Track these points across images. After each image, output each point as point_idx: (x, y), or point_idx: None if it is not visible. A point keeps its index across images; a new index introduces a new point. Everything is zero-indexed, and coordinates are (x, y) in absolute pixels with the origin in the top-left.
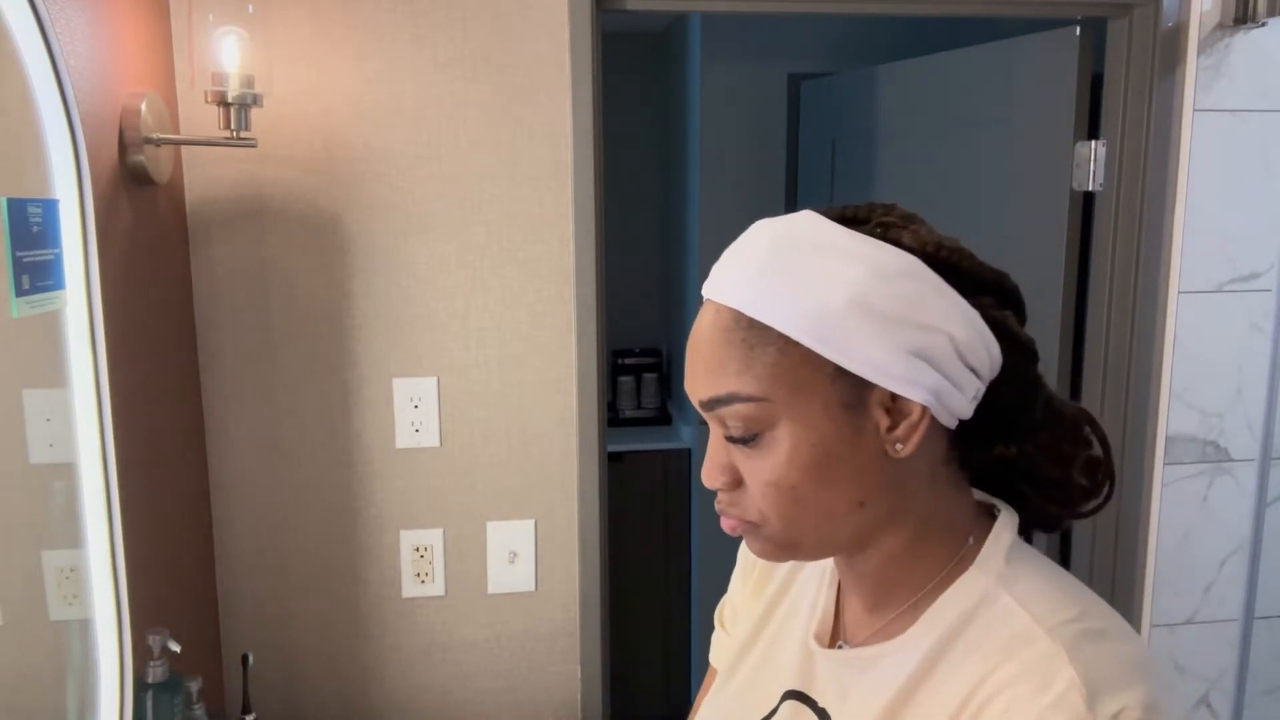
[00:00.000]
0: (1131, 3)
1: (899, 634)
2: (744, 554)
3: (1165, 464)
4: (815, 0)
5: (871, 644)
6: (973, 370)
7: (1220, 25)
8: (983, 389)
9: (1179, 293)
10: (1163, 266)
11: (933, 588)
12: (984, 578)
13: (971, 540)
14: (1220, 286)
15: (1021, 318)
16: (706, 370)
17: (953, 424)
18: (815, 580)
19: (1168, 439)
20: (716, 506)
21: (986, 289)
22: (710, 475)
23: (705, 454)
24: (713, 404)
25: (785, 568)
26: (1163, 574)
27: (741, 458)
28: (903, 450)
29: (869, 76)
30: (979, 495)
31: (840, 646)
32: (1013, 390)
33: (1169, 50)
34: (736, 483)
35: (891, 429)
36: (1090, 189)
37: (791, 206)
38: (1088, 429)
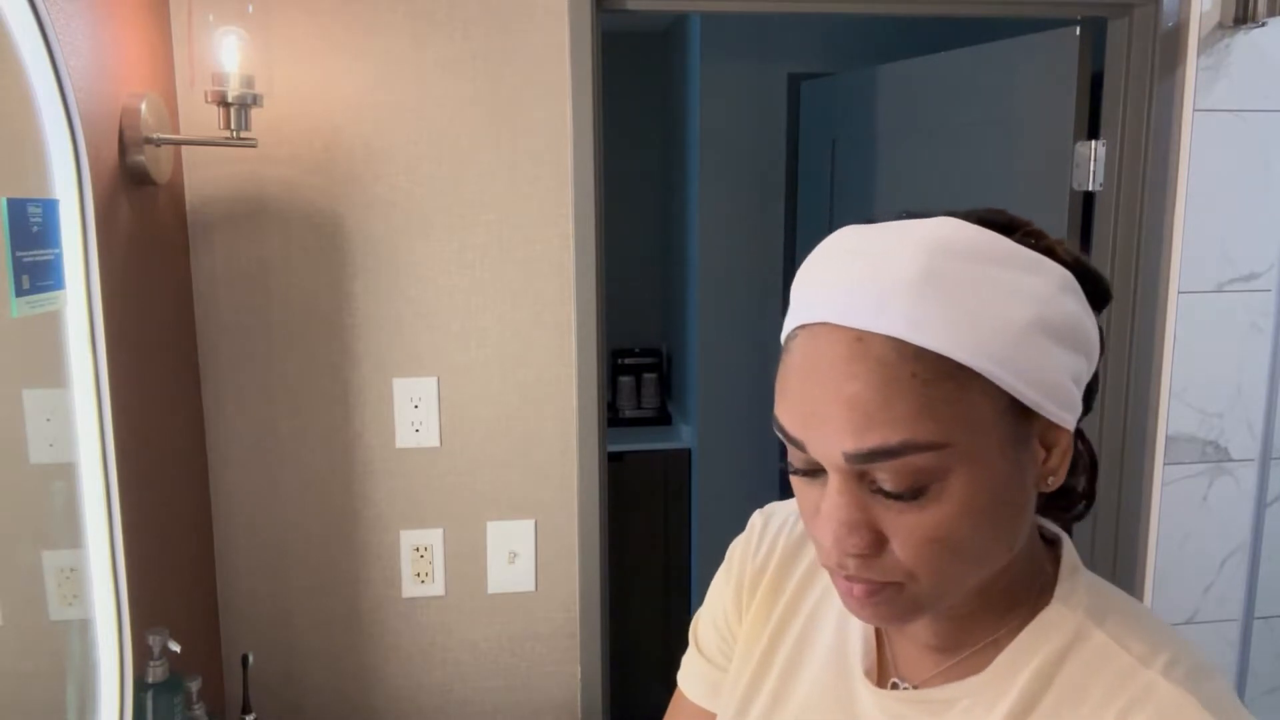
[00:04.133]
0: (1131, 3)
1: (975, 673)
2: (739, 571)
3: (1165, 464)
4: (815, 0)
5: (941, 684)
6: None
7: (1220, 25)
8: None
9: (1179, 293)
10: (1163, 266)
11: (1015, 623)
12: (1071, 612)
13: (1047, 567)
14: (1220, 286)
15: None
16: (860, 416)
17: None
18: (836, 611)
19: (1168, 439)
20: (840, 572)
21: (1102, 298)
22: (845, 540)
23: (828, 509)
24: (874, 457)
25: (791, 588)
26: (1163, 574)
27: (891, 514)
28: (1054, 483)
29: (869, 76)
30: None
31: (895, 686)
32: (1089, 400)
33: (1169, 50)
34: (875, 545)
35: (1046, 461)
36: (1090, 189)
37: (791, 206)
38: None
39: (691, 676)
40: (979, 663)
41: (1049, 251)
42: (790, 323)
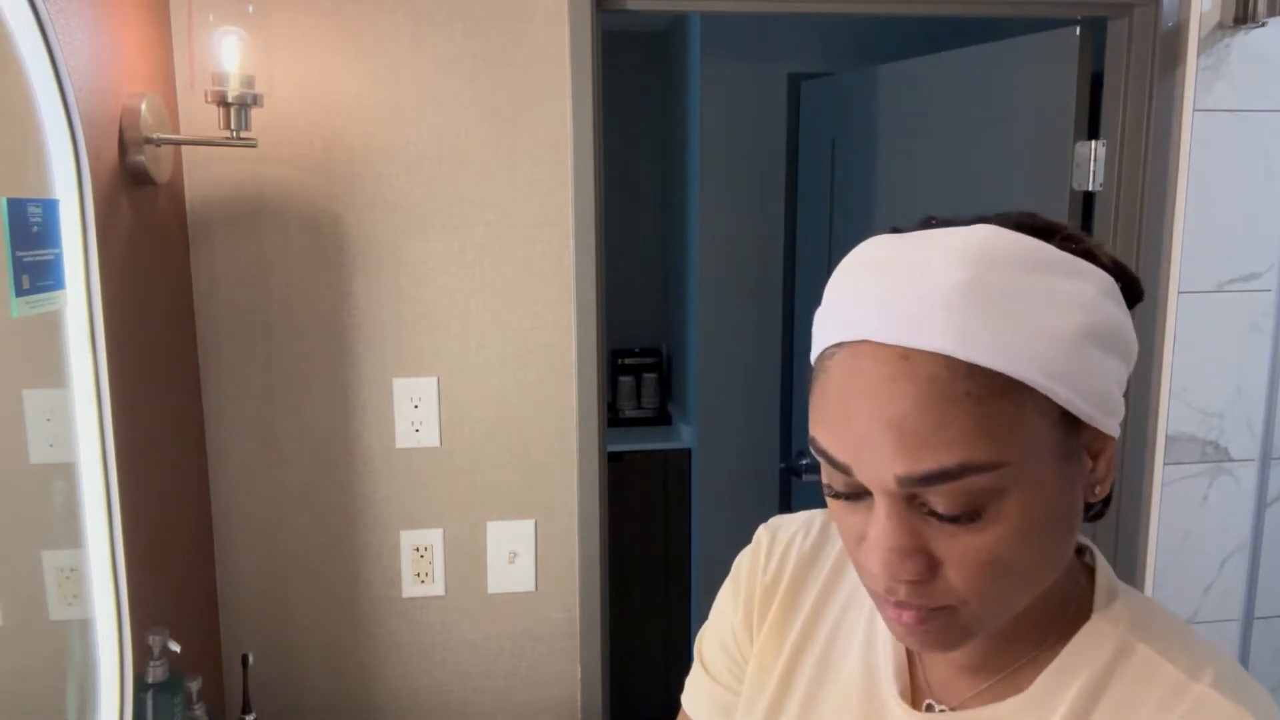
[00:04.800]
0: (1131, 3)
1: (1017, 693)
2: (748, 585)
3: (1165, 464)
4: (815, 0)
5: (980, 705)
6: None
7: (1220, 25)
8: None
9: (1179, 293)
10: (1163, 266)
11: (1055, 640)
12: (1113, 627)
13: (1081, 579)
14: (1220, 286)
15: None
16: (915, 438)
17: None
18: (863, 630)
19: (1168, 439)
20: (890, 598)
21: (1136, 299)
22: (897, 567)
23: (877, 535)
24: (930, 480)
25: (808, 605)
26: (1163, 574)
27: (944, 536)
28: (1101, 491)
29: (869, 76)
30: None
31: (929, 708)
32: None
33: (1169, 50)
34: (928, 570)
35: (1093, 470)
36: (1090, 189)
37: (791, 206)
38: None
39: (699, 698)
40: (1019, 682)
41: (1089, 255)
42: (824, 340)
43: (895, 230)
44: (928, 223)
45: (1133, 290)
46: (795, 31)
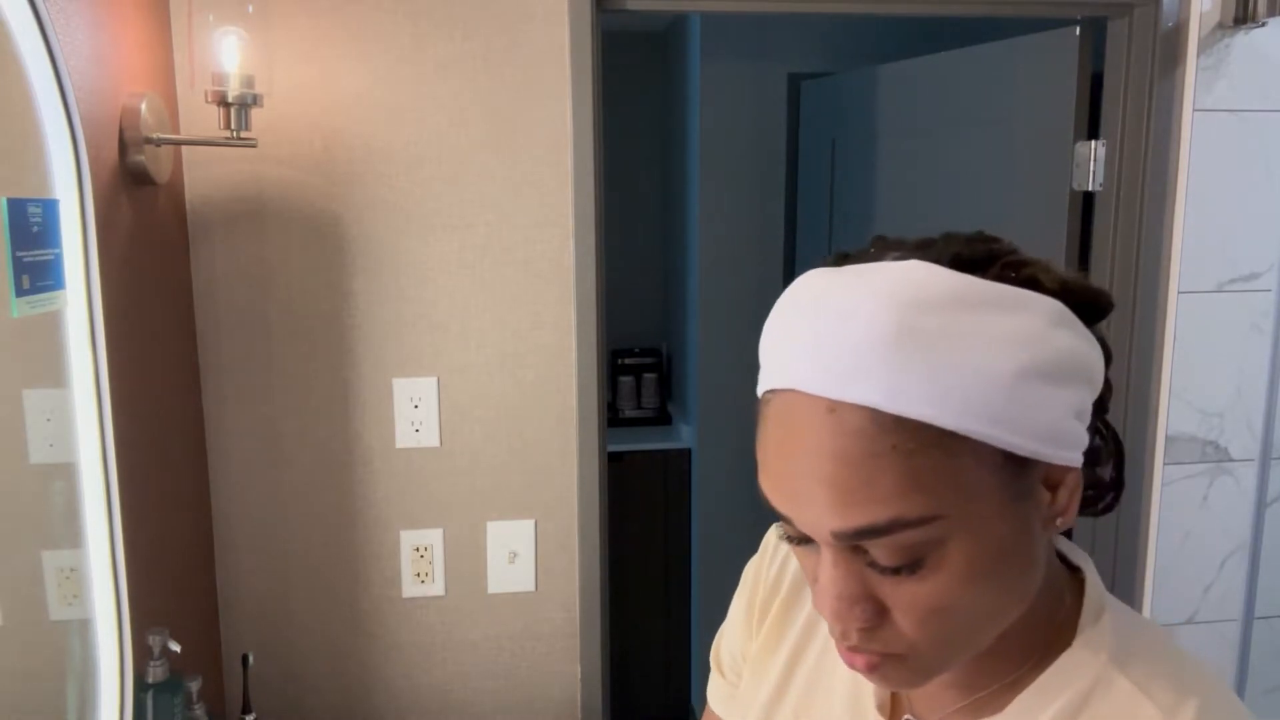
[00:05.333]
0: (1131, 2)
1: (993, 714)
2: (750, 593)
3: (1165, 464)
4: (815, 0)
5: None
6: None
7: (1220, 25)
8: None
9: (1179, 293)
10: (1163, 266)
11: (1035, 663)
12: (1093, 655)
13: (1067, 599)
14: (1220, 286)
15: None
16: (842, 494)
17: None
18: None
19: (1168, 439)
20: (844, 643)
21: (1102, 314)
22: (841, 614)
23: (825, 581)
24: (862, 535)
25: (805, 612)
26: (1163, 574)
27: (889, 586)
28: (1063, 523)
29: (869, 76)
30: None
31: None
32: (1099, 409)
33: (1169, 50)
34: (877, 615)
35: (1052, 503)
36: (1090, 189)
37: (791, 206)
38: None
39: (719, 699)
40: (997, 703)
41: (1032, 281)
42: (762, 382)
43: (843, 257)
44: (879, 244)
45: (1096, 306)
46: (795, 31)
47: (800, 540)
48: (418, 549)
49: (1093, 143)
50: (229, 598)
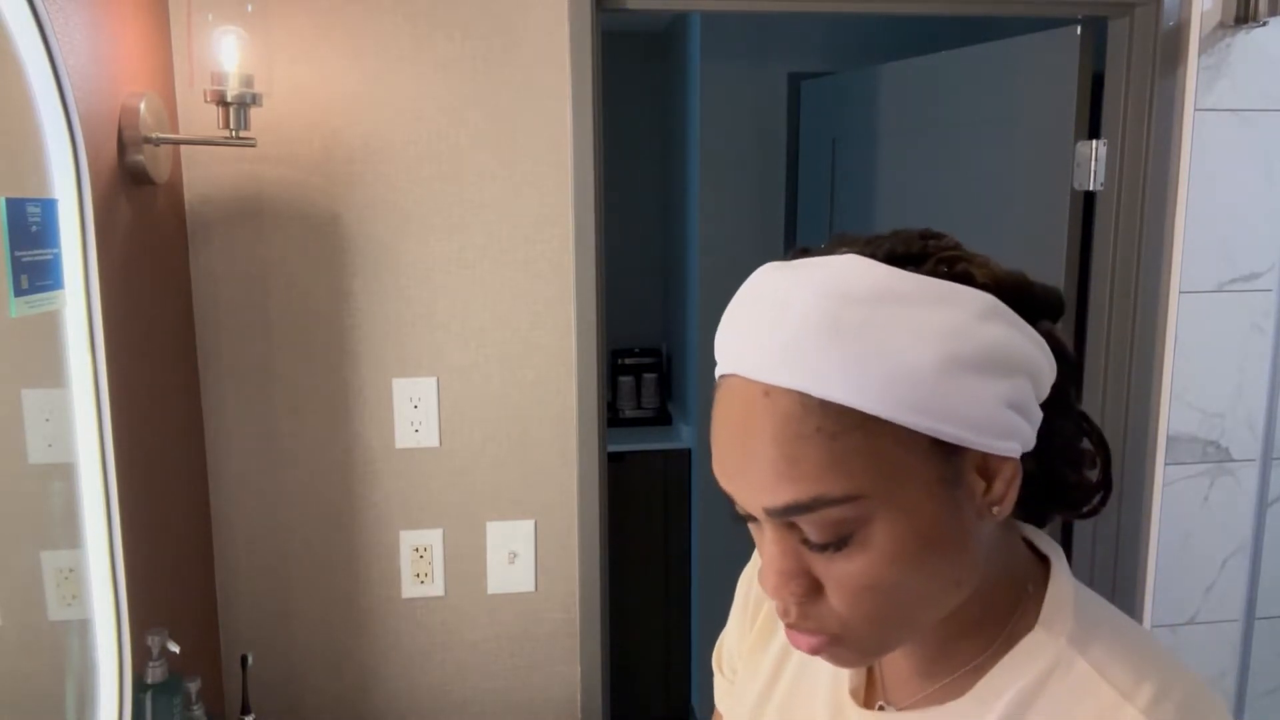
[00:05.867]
0: (1132, 2)
1: (956, 698)
2: (744, 594)
3: (1166, 464)
4: (815, 0)
5: (923, 708)
6: (1039, 400)
7: (1221, 25)
8: (1042, 416)
9: (1179, 292)
10: (1163, 266)
11: (996, 648)
12: (1054, 639)
13: (1030, 588)
14: (1221, 286)
15: (1082, 323)
16: (772, 472)
17: None
18: None
19: (1168, 439)
20: (784, 619)
21: (1049, 311)
22: (779, 587)
23: (765, 558)
24: (789, 512)
25: None
26: (1164, 574)
27: (822, 563)
28: (1000, 512)
29: (869, 76)
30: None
31: (881, 708)
32: (1058, 410)
33: (1170, 50)
34: (812, 591)
35: (987, 491)
36: (1091, 188)
37: (791, 206)
38: (1084, 423)
39: (724, 696)
40: (960, 688)
41: (965, 277)
42: (717, 369)
43: (801, 251)
44: (835, 240)
45: (1037, 301)
46: (795, 31)
47: (748, 519)
48: (417, 549)
49: (1093, 142)
50: (228, 598)
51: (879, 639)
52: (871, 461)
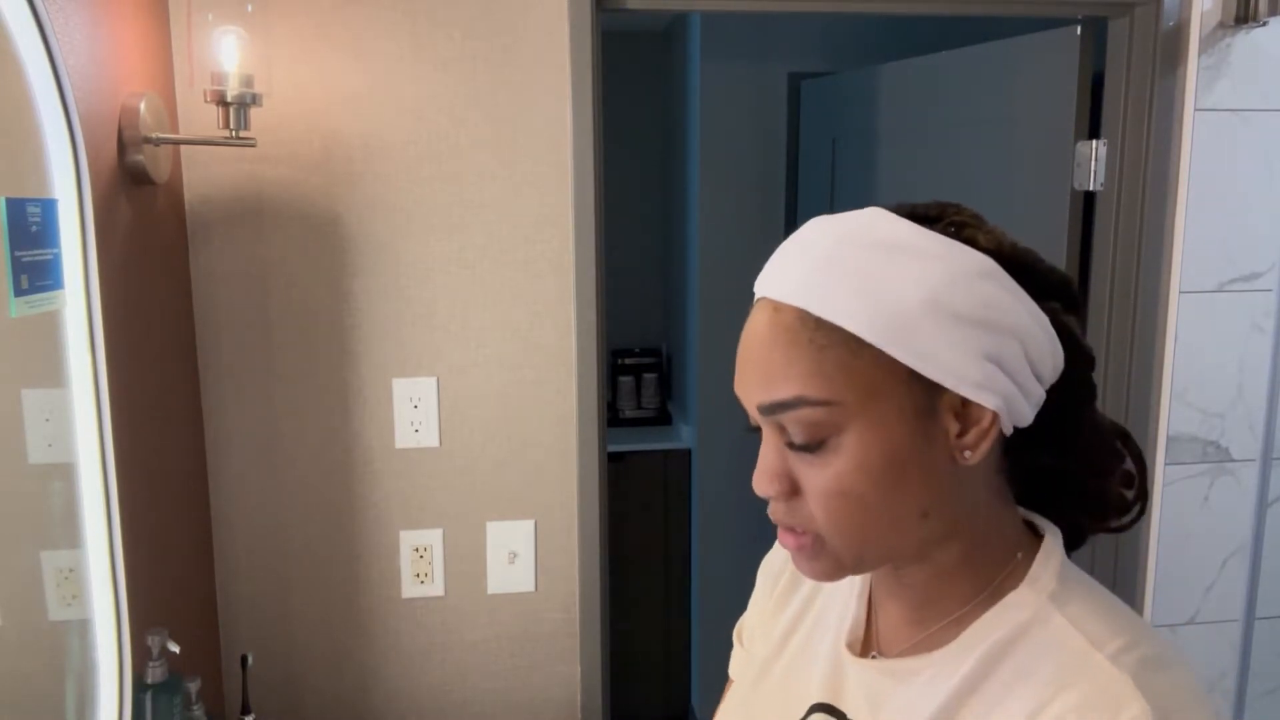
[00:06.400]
0: (1132, 2)
1: (941, 647)
2: (765, 573)
3: (1166, 464)
4: (815, 0)
5: (911, 655)
6: (1038, 377)
7: (1221, 24)
8: (1044, 396)
9: (1180, 292)
10: (1163, 266)
11: (981, 601)
12: (1035, 595)
13: (1020, 555)
14: (1221, 286)
15: (1083, 324)
16: (767, 372)
17: (1009, 431)
18: (843, 593)
19: (1169, 439)
20: (772, 517)
21: (1055, 293)
22: (763, 483)
23: (758, 460)
24: (775, 409)
25: (809, 583)
26: (1164, 574)
27: (801, 465)
28: (971, 457)
29: (869, 76)
30: (1020, 511)
31: (874, 657)
32: (1068, 398)
33: (1170, 50)
34: (792, 491)
35: (961, 435)
36: (1091, 188)
37: (791, 206)
38: (1121, 443)
39: (735, 663)
40: (946, 637)
41: (970, 241)
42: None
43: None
44: (913, 209)
45: (1044, 280)
46: (795, 31)
47: (756, 428)
48: (417, 549)
49: (1094, 142)
50: (228, 598)
51: (853, 550)
52: (852, 375)
